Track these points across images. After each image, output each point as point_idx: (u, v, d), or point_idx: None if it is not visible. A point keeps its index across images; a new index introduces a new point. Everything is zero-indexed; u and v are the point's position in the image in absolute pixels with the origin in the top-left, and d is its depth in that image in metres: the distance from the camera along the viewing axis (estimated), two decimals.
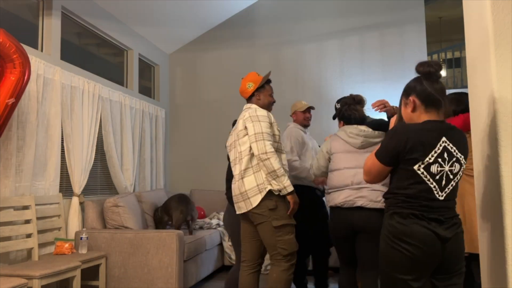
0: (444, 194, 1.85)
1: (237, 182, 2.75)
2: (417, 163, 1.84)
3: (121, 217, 3.96)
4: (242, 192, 2.70)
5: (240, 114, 2.93)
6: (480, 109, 1.75)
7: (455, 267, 1.88)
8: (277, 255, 2.68)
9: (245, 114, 2.80)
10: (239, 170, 2.74)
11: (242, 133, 2.77)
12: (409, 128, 1.89)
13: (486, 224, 1.75)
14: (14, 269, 2.91)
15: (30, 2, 3.86)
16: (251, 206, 2.66)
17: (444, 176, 1.85)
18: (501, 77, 1.54)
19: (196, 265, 4.10)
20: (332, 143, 2.87)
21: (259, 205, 2.65)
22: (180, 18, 5.55)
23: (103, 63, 5.20)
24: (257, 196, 2.65)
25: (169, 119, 6.30)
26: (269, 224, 2.65)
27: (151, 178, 5.55)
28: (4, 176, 3.25)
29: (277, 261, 2.69)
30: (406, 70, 5.66)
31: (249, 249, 2.84)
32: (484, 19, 1.59)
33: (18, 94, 3.04)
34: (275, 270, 2.68)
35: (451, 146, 1.86)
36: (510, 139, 1.52)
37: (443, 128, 1.87)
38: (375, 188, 2.63)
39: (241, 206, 2.74)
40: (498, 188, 1.55)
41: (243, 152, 2.74)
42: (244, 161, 2.72)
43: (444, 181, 1.85)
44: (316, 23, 5.95)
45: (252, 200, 2.66)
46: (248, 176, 2.69)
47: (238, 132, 2.81)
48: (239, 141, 2.78)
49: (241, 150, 2.76)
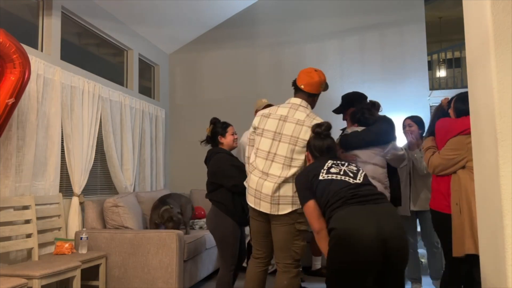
0: (359, 180, 2.25)
1: (274, 184, 2.60)
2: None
3: (121, 217, 3.96)
4: (275, 196, 2.59)
5: (291, 105, 2.72)
6: (480, 109, 1.75)
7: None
8: (289, 259, 2.62)
9: (305, 120, 2.63)
10: (281, 173, 2.60)
11: (302, 143, 2.60)
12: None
13: (486, 224, 1.75)
14: (14, 269, 2.91)
15: (30, 2, 3.86)
16: (277, 212, 2.59)
17: (347, 171, 2.30)
18: (501, 77, 1.54)
19: (196, 265, 4.10)
20: None
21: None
22: (180, 18, 5.55)
23: (103, 63, 5.20)
24: (287, 206, 2.58)
25: (169, 119, 6.30)
26: (293, 227, 2.60)
27: (151, 178, 5.55)
28: (4, 176, 3.25)
29: (287, 266, 2.63)
30: (406, 70, 5.66)
31: (265, 247, 2.77)
32: (484, 19, 1.59)
33: (18, 94, 3.04)
34: (285, 277, 2.62)
35: (337, 161, 2.38)
36: (510, 139, 1.52)
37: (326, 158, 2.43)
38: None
39: (264, 206, 2.63)
40: (498, 188, 1.55)
41: (297, 161, 2.61)
42: (292, 170, 2.59)
43: (350, 173, 2.28)
44: (316, 23, 5.95)
45: (281, 208, 2.59)
46: (287, 183, 2.59)
47: (298, 138, 2.61)
48: (295, 147, 2.61)
49: (293, 157, 2.61)
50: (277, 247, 2.66)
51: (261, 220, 2.73)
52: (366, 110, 2.99)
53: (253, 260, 2.81)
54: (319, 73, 2.76)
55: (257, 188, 2.65)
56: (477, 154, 1.84)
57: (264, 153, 2.68)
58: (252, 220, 2.79)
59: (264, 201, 2.63)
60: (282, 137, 2.65)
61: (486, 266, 1.77)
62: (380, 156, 2.93)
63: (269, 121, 2.72)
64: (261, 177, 2.66)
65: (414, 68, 5.63)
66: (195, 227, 4.90)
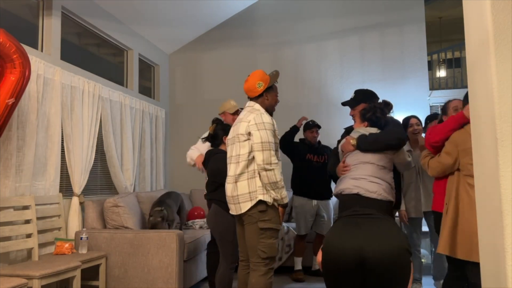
0: None
1: (231, 184, 2.74)
2: None
3: (121, 217, 3.96)
4: (234, 196, 2.72)
5: (243, 111, 2.87)
6: (480, 109, 1.75)
7: None
8: (256, 258, 2.69)
9: (249, 118, 2.71)
10: (234, 172, 2.73)
11: (243, 137, 2.71)
12: None
13: (486, 224, 1.75)
14: (14, 269, 2.91)
15: (30, 2, 3.86)
16: (240, 211, 2.70)
17: None
18: (501, 77, 1.54)
19: (196, 265, 4.10)
20: None
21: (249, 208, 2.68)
22: (180, 18, 5.55)
23: (103, 63, 5.20)
24: (247, 203, 2.67)
25: (169, 119, 6.30)
26: (256, 226, 2.67)
27: (151, 178, 5.55)
28: (4, 176, 3.25)
29: (256, 265, 2.70)
30: (406, 70, 5.66)
31: (245, 249, 2.86)
32: (484, 19, 1.59)
33: (18, 94, 3.04)
34: (253, 275, 2.69)
35: None
36: (510, 139, 1.52)
37: None
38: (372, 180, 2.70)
39: (232, 208, 2.79)
40: (498, 188, 1.55)
41: (242, 156, 2.70)
42: (241, 165, 2.69)
43: None
44: (316, 23, 5.95)
45: (242, 206, 2.68)
46: (242, 181, 2.69)
47: (238, 134, 2.74)
48: (239, 144, 2.73)
49: (240, 153, 2.72)
50: (247, 246, 2.76)
51: (239, 223, 2.85)
52: (378, 110, 2.93)
53: (240, 263, 2.92)
54: (250, 76, 2.86)
55: (227, 195, 2.81)
56: (477, 154, 1.84)
57: (229, 158, 2.85)
58: (236, 225, 2.92)
59: (230, 204, 2.79)
60: (235, 139, 2.79)
61: (486, 266, 1.77)
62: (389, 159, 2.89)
63: (233, 128, 2.87)
64: (227, 182, 2.82)
65: (414, 68, 5.63)
66: (195, 227, 4.90)
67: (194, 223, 4.97)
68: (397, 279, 2.09)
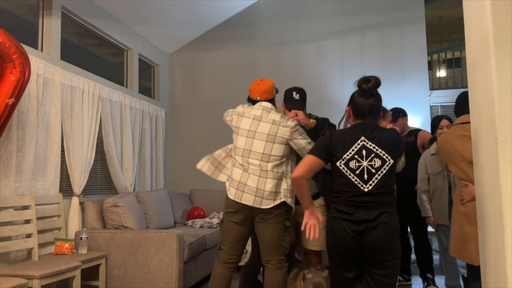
0: (369, 187, 2.13)
1: (257, 177, 2.67)
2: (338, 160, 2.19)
3: (121, 217, 3.96)
4: (259, 188, 2.65)
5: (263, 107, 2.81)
6: (480, 109, 1.75)
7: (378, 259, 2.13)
8: (281, 255, 2.71)
9: (280, 120, 2.72)
10: (260, 167, 2.68)
11: (280, 140, 2.69)
12: (336, 131, 2.29)
13: (486, 224, 1.75)
14: (14, 269, 2.91)
15: (30, 2, 3.86)
16: (259, 206, 2.64)
17: (364, 170, 2.14)
18: (501, 77, 1.54)
19: (196, 265, 4.10)
20: None
21: (274, 206, 2.67)
22: (180, 18, 5.55)
23: (103, 63, 5.20)
24: (269, 201, 2.65)
25: (169, 119, 6.30)
26: (283, 224, 2.70)
27: (151, 178, 5.55)
28: (4, 176, 3.25)
29: (280, 262, 2.70)
30: (406, 70, 5.66)
31: (238, 251, 2.79)
32: (484, 19, 1.59)
33: (18, 94, 3.04)
34: (280, 273, 2.69)
35: (369, 144, 2.16)
36: (510, 139, 1.52)
37: (365, 128, 2.20)
38: None
39: (247, 198, 2.66)
40: (498, 188, 1.55)
41: (273, 157, 2.69)
42: (270, 165, 2.68)
43: (366, 175, 2.14)
44: (316, 23, 5.95)
45: (264, 202, 2.65)
46: (269, 178, 2.67)
47: (271, 133, 2.70)
48: (273, 145, 2.70)
49: (272, 153, 2.69)
50: (270, 246, 2.70)
51: (242, 224, 2.74)
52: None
53: (223, 264, 2.78)
54: (266, 80, 2.94)
55: (246, 183, 2.71)
56: (477, 154, 1.84)
57: (240, 150, 2.78)
58: (229, 224, 2.77)
59: (246, 193, 2.67)
60: (256, 135, 2.76)
61: (486, 266, 1.77)
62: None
63: (243, 120, 2.82)
64: (244, 171, 2.74)
65: (414, 68, 5.63)
66: (195, 227, 4.90)
67: (194, 223, 4.97)
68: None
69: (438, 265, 4.97)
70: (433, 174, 3.57)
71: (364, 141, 2.17)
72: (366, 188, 2.13)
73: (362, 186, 2.14)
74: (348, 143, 2.18)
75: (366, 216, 2.12)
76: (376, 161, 2.14)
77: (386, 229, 2.11)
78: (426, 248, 3.89)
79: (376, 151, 2.15)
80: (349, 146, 2.18)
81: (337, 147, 2.19)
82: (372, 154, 2.15)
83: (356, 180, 2.15)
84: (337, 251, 2.21)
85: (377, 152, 2.15)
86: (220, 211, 5.44)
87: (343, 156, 2.17)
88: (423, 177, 3.65)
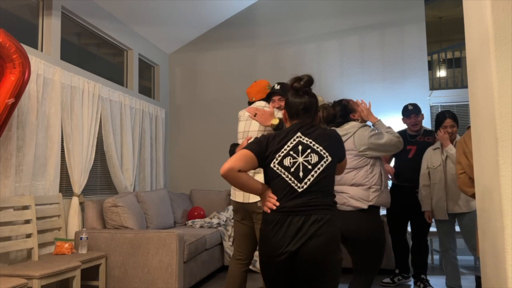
0: (304, 185, 1.89)
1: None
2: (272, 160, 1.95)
3: (121, 217, 3.96)
4: None
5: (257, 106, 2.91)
6: (480, 109, 1.75)
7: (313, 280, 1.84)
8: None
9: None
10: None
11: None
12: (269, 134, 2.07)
13: (486, 224, 1.75)
14: (14, 269, 2.91)
15: (30, 2, 3.86)
16: (247, 201, 2.73)
17: (300, 167, 1.91)
18: (501, 77, 1.54)
19: (196, 265, 4.10)
20: None
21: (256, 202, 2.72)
22: (180, 18, 5.55)
23: (103, 63, 5.20)
24: (256, 196, 2.69)
25: (169, 119, 6.30)
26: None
27: (151, 178, 5.55)
28: (4, 176, 3.25)
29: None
30: (406, 70, 5.66)
31: (245, 249, 2.87)
32: (484, 19, 1.59)
33: (18, 94, 3.04)
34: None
35: (305, 139, 1.96)
36: (510, 139, 1.52)
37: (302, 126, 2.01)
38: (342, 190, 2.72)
39: (239, 196, 2.79)
40: (498, 188, 1.55)
41: None
42: None
43: (301, 172, 1.90)
44: (316, 23, 5.95)
45: (251, 197, 2.72)
46: (257, 173, 2.74)
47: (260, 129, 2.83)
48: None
49: None
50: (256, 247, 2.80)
51: (244, 223, 2.85)
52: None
53: (234, 260, 2.90)
54: (259, 81, 3.05)
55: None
56: (477, 154, 1.84)
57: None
58: (236, 223, 2.93)
59: (238, 191, 2.78)
60: (249, 134, 2.87)
61: (486, 266, 1.77)
62: (355, 156, 2.72)
63: (240, 124, 2.98)
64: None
65: (414, 68, 5.63)
66: (195, 227, 4.90)
67: (194, 223, 4.97)
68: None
69: (438, 265, 4.97)
70: (433, 168, 3.57)
71: (300, 137, 1.98)
72: (301, 188, 1.89)
73: (297, 185, 1.89)
74: (283, 141, 1.98)
75: (299, 224, 1.83)
76: (312, 156, 1.93)
77: (324, 240, 1.82)
78: (423, 248, 3.88)
79: (313, 146, 1.95)
80: (284, 143, 1.97)
81: (271, 145, 1.98)
82: (309, 150, 1.95)
83: (291, 179, 1.90)
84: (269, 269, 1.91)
85: (313, 147, 1.95)
86: (220, 211, 5.44)
87: (277, 155, 1.95)
88: (424, 172, 3.66)
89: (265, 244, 1.89)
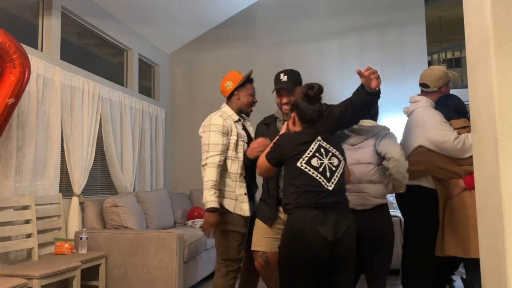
0: (331, 185, 2.09)
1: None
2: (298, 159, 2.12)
3: (120, 217, 3.96)
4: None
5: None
6: (480, 109, 1.75)
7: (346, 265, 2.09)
8: (218, 258, 2.71)
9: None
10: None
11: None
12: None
13: (486, 224, 1.75)
14: (14, 269, 2.91)
15: (30, 2, 3.86)
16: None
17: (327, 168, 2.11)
18: (501, 77, 1.54)
19: (196, 265, 4.10)
20: None
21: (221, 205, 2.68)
22: (180, 18, 5.55)
23: (103, 63, 5.20)
24: (220, 198, 2.69)
25: (169, 119, 6.30)
26: (219, 228, 2.67)
27: (151, 178, 5.55)
28: (4, 176, 3.25)
29: (218, 265, 2.71)
30: (406, 70, 5.66)
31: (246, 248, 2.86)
32: (484, 19, 1.59)
33: (18, 94, 3.04)
34: (215, 275, 2.72)
35: (325, 143, 2.16)
36: (510, 139, 1.52)
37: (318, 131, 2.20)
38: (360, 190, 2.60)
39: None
40: (498, 188, 1.55)
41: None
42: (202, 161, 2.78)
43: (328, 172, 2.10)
44: (316, 23, 5.94)
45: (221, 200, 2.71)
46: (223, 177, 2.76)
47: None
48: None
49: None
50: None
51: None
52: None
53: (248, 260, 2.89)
54: (223, 79, 2.99)
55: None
56: (477, 154, 1.84)
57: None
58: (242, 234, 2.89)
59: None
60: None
61: (486, 267, 1.77)
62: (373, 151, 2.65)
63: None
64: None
65: (414, 68, 5.63)
66: (195, 227, 4.90)
67: (194, 223, 4.97)
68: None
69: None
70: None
71: (320, 141, 2.17)
72: (330, 186, 2.07)
73: (326, 184, 2.07)
74: (306, 143, 2.15)
75: (334, 218, 2.04)
76: (333, 159, 2.14)
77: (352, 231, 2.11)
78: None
79: (332, 150, 2.16)
80: (308, 145, 2.14)
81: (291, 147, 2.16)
82: (330, 153, 2.15)
83: (320, 178, 2.08)
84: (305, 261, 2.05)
85: (332, 152, 2.16)
86: None
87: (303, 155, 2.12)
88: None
89: (303, 236, 2.03)
